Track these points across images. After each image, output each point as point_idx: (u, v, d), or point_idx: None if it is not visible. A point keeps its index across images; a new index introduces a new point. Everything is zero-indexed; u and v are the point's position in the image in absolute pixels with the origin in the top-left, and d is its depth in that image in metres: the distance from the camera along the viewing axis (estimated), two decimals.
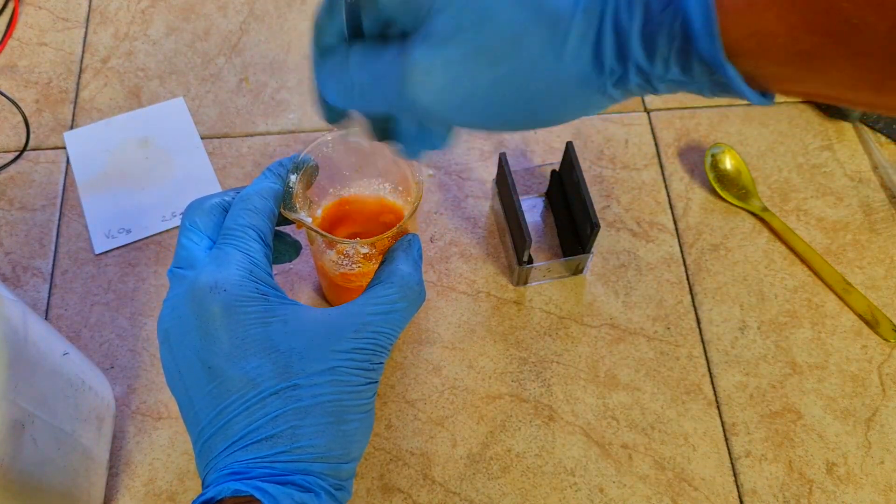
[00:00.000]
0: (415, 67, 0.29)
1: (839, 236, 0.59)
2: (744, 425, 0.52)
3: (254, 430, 0.34)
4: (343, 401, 0.35)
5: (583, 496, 0.50)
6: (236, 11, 0.68)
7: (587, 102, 0.28)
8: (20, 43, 0.65)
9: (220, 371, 0.34)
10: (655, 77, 0.27)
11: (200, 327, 0.35)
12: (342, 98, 0.33)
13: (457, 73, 0.28)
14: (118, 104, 0.63)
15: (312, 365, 0.34)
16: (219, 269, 0.36)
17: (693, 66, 0.26)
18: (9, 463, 0.36)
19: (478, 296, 0.56)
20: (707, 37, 0.24)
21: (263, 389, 0.34)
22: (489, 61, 0.28)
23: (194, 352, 0.35)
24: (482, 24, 0.27)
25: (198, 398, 0.35)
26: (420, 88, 0.29)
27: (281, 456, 0.33)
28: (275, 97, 0.64)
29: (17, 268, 0.56)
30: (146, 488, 0.49)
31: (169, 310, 0.36)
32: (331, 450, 0.34)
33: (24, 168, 0.60)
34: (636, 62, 0.26)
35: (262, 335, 0.35)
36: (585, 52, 0.27)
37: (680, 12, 0.25)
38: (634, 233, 0.59)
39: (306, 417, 0.34)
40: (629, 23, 0.26)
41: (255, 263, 0.36)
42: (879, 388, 0.54)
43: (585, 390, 0.53)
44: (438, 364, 0.54)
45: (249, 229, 0.37)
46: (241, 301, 0.35)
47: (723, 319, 0.56)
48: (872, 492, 0.50)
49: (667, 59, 0.26)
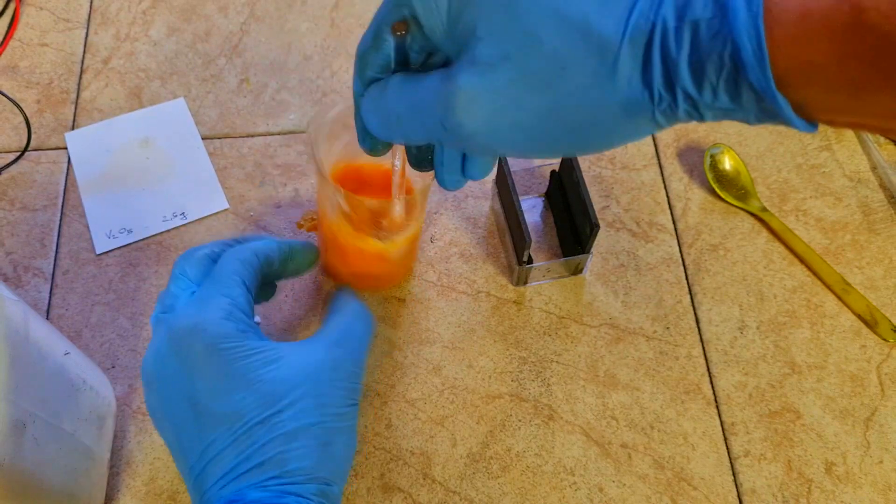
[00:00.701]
0: (460, 94, 0.28)
1: (838, 236, 0.59)
2: (743, 425, 0.52)
3: (243, 460, 0.34)
4: (327, 423, 0.36)
5: (582, 495, 0.50)
6: (237, 12, 0.68)
7: (634, 129, 0.28)
8: (21, 43, 0.65)
9: (205, 407, 0.35)
10: (703, 105, 0.26)
11: (183, 367, 0.36)
12: (382, 128, 0.33)
13: (502, 100, 0.28)
14: (119, 105, 0.63)
15: (295, 392, 0.35)
16: (198, 311, 0.37)
17: (742, 95, 0.25)
18: (10, 462, 0.36)
19: (478, 296, 0.56)
20: (757, 66, 0.24)
21: (249, 420, 0.35)
22: (535, 88, 0.27)
23: (178, 392, 0.36)
24: (528, 50, 0.27)
25: (185, 436, 0.36)
26: (465, 116, 0.28)
27: (272, 480, 0.34)
28: (275, 98, 0.64)
29: (18, 268, 0.56)
30: (147, 487, 0.49)
31: (152, 354, 0.37)
32: (319, 471, 0.35)
33: (25, 168, 0.60)
34: (684, 89, 0.26)
35: (244, 368, 0.35)
36: (634, 79, 0.26)
37: (729, 40, 0.24)
38: (634, 233, 0.59)
39: (293, 441, 0.35)
40: (677, 50, 0.25)
41: (235, 305, 0.37)
42: (878, 387, 0.54)
43: (585, 390, 0.53)
44: (438, 364, 0.54)
45: (235, 276, 0.38)
46: (220, 339, 0.36)
47: (722, 319, 0.56)
48: (871, 491, 0.50)
49: (715, 87, 0.25)
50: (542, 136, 0.29)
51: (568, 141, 0.29)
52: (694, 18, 0.25)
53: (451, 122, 0.29)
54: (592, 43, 0.26)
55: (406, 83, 0.31)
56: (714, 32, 0.25)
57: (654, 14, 0.25)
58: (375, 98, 0.32)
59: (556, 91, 0.27)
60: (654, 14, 0.25)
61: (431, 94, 0.30)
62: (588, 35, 0.26)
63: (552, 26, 0.26)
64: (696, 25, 0.25)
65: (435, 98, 0.29)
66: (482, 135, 0.29)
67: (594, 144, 0.29)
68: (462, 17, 0.28)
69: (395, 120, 0.32)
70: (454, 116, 0.29)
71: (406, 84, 0.31)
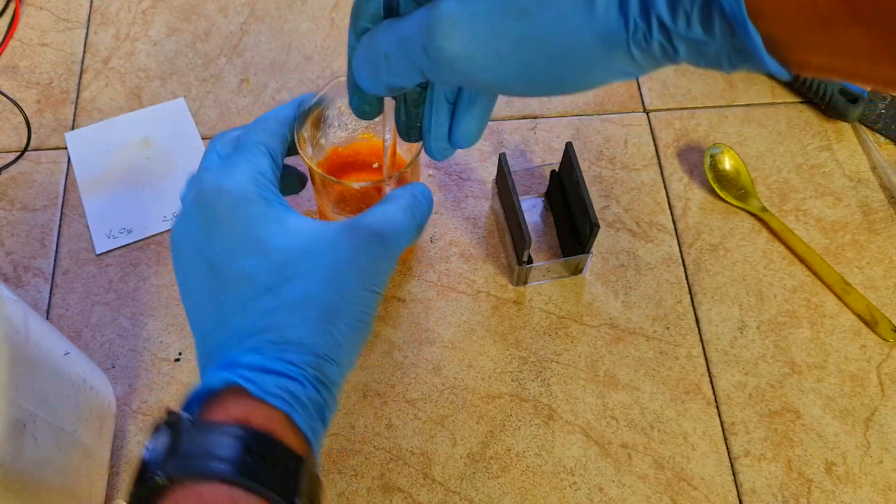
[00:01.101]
0: (441, 18, 0.29)
1: (838, 236, 0.59)
2: (743, 425, 0.52)
3: (247, 324, 0.34)
4: (335, 302, 0.35)
5: (582, 495, 0.50)
6: (237, 12, 0.68)
7: (610, 63, 0.29)
8: (21, 43, 0.65)
9: (220, 269, 0.35)
10: (676, 35, 0.27)
11: (202, 226, 0.36)
12: (371, 74, 0.33)
13: (482, 25, 0.29)
14: (119, 105, 0.63)
15: (308, 264, 0.35)
16: (224, 174, 0.37)
17: (715, 24, 0.26)
18: (10, 462, 0.36)
19: (478, 295, 0.56)
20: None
21: (258, 284, 0.35)
22: (513, 15, 0.28)
23: (196, 251, 0.36)
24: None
25: (199, 296, 0.36)
26: (446, 40, 0.29)
27: (267, 346, 0.34)
28: (275, 98, 0.64)
29: (18, 268, 0.56)
30: None
31: (179, 220, 0.38)
32: (316, 346, 0.34)
33: (25, 168, 0.60)
34: (658, 17, 0.26)
35: (262, 234, 0.35)
36: (611, 6, 0.27)
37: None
38: (634, 233, 0.59)
39: (294, 310, 0.34)
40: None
41: (261, 172, 0.37)
42: (878, 387, 0.54)
43: (585, 390, 0.53)
44: (438, 364, 0.54)
45: (260, 145, 0.38)
46: (242, 202, 0.36)
47: (722, 319, 0.56)
48: (871, 491, 0.50)
49: (689, 14, 0.26)
50: (520, 65, 0.30)
51: (545, 72, 0.30)
52: None
53: (432, 47, 0.30)
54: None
55: (393, 22, 0.32)
56: None
57: None
58: (366, 45, 0.33)
59: (533, 18, 0.28)
60: None
61: (416, 24, 0.30)
62: None
63: None
64: None
65: (418, 26, 0.30)
66: (462, 60, 0.30)
67: (572, 78, 0.30)
68: None
69: (383, 58, 0.32)
70: (435, 40, 0.29)
71: (393, 23, 0.32)
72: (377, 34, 0.32)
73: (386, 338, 0.54)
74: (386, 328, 0.55)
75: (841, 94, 0.63)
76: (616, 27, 0.27)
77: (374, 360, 0.54)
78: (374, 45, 0.32)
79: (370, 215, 0.38)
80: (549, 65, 0.29)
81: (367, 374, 0.53)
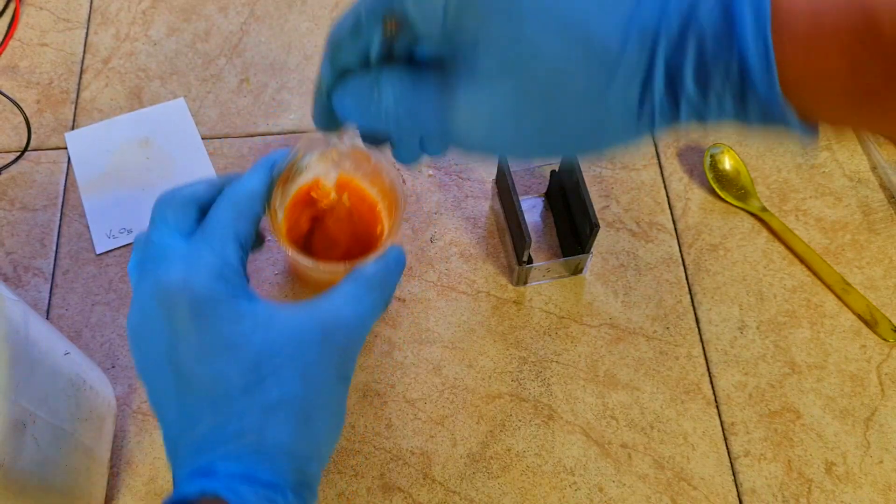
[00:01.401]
0: (461, 108, 0.28)
1: (838, 236, 0.59)
2: (743, 425, 0.52)
3: (220, 427, 0.33)
4: (311, 398, 0.34)
5: (582, 495, 0.50)
6: (237, 12, 0.68)
7: (635, 136, 0.28)
8: (21, 43, 0.65)
9: (188, 370, 0.34)
10: (707, 113, 0.25)
11: (167, 327, 0.34)
12: (367, 121, 0.32)
13: (502, 113, 0.27)
14: (119, 105, 0.63)
15: (281, 361, 0.34)
16: (188, 268, 0.34)
17: (748, 103, 0.25)
18: (10, 462, 0.36)
19: (478, 295, 0.56)
20: (765, 77, 0.23)
21: (231, 386, 0.33)
22: (535, 100, 0.27)
23: (161, 351, 0.34)
24: (529, 62, 0.26)
25: (165, 397, 0.35)
26: (465, 130, 0.28)
27: (247, 452, 0.33)
28: (275, 98, 0.64)
29: (18, 268, 0.56)
30: (147, 487, 0.49)
31: (136, 310, 0.35)
32: (297, 447, 0.34)
33: (25, 168, 0.60)
34: (689, 99, 0.25)
35: (231, 333, 0.34)
36: (634, 88, 0.26)
37: (736, 50, 0.23)
38: (634, 233, 0.59)
39: (271, 413, 0.33)
40: (681, 59, 0.24)
41: (228, 265, 0.35)
42: (878, 387, 0.54)
43: (585, 390, 0.53)
44: (438, 364, 0.54)
45: (229, 229, 0.36)
46: (209, 302, 0.34)
47: (722, 319, 0.56)
48: (871, 491, 0.50)
49: (721, 96, 0.25)
50: (541, 144, 0.29)
51: (567, 147, 0.29)
52: (699, 26, 0.24)
53: (450, 135, 0.29)
54: (593, 50, 0.25)
55: (402, 87, 0.30)
56: (720, 41, 0.24)
57: (657, 20, 0.25)
58: (363, 95, 0.31)
59: (556, 102, 0.27)
60: (656, 20, 0.25)
61: (430, 104, 0.29)
62: (588, 42, 0.25)
63: (553, 33, 0.26)
64: (702, 33, 0.24)
65: (434, 109, 0.29)
66: (481, 146, 0.29)
67: (593, 150, 0.29)
68: (460, 24, 0.27)
69: (393, 121, 0.31)
70: (454, 130, 0.28)
71: (402, 88, 0.30)
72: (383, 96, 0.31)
73: (386, 338, 0.54)
74: (386, 328, 0.55)
75: None
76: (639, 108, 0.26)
77: (374, 360, 0.54)
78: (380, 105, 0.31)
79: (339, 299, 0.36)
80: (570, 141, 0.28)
81: (367, 374, 0.53)
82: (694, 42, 0.24)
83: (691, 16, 0.24)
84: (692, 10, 0.24)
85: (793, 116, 0.24)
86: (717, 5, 0.24)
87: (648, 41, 0.25)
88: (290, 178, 0.43)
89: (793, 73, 0.23)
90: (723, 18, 0.24)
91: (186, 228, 0.37)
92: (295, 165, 0.42)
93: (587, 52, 0.25)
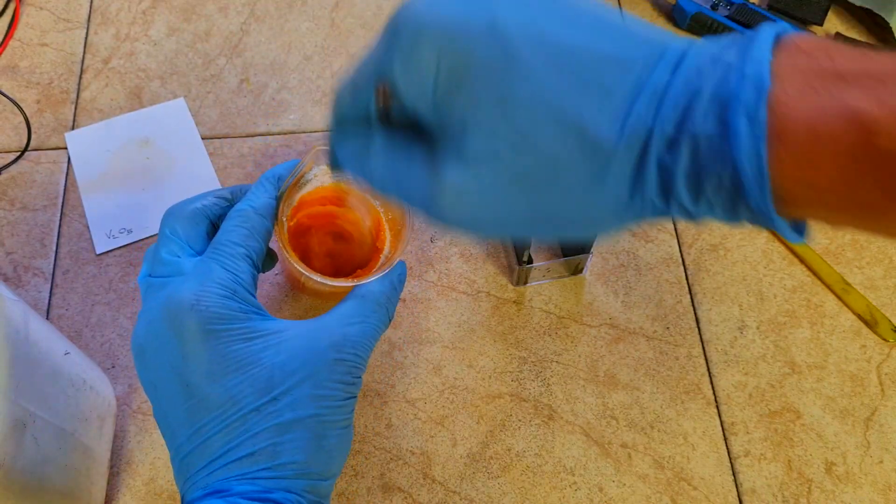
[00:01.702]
0: (446, 189, 0.27)
1: (838, 236, 0.59)
2: (743, 425, 0.52)
3: (234, 447, 0.33)
4: (323, 416, 0.34)
5: (582, 495, 0.50)
6: (237, 12, 0.68)
7: (622, 226, 0.27)
8: (21, 43, 0.65)
9: (199, 389, 0.34)
10: (697, 214, 0.25)
11: (179, 345, 0.34)
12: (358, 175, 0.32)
13: (489, 197, 0.27)
14: (119, 105, 0.63)
15: (293, 379, 0.34)
16: (200, 286, 0.35)
17: (739, 212, 0.24)
18: (10, 462, 0.36)
19: (478, 296, 0.56)
20: (758, 190, 0.23)
21: (243, 406, 0.33)
22: (524, 188, 0.26)
23: (171, 369, 0.34)
24: (520, 150, 0.26)
25: (174, 415, 0.35)
26: (450, 211, 0.28)
27: (262, 473, 0.33)
28: (275, 98, 0.64)
29: (18, 268, 0.56)
30: (147, 487, 0.49)
31: (144, 324, 0.36)
32: (311, 466, 0.34)
33: (25, 168, 0.60)
34: (679, 201, 0.25)
35: (242, 352, 0.34)
36: (626, 184, 0.25)
37: (730, 162, 0.23)
38: (634, 233, 0.59)
39: (287, 433, 0.33)
40: (674, 163, 0.24)
41: (239, 283, 0.36)
42: (878, 387, 0.54)
43: (585, 390, 0.53)
44: (438, 364, 0.54)
45: (240, 247, 0.37)
46: (221, 319, 0.34)
47: (722, 319, 0.56)
48: (871, 491, 0.50)
49: (712, 203, 0.24)
50: (527, 229, 0.29)
51: (552, 232, 0.29)
52: (693, 130, 0.23)
53: (435, 213, 0.28)
54: (587, 145, 0.25)
55: (390, 156, 0.30)
56: (714, 150, 0.23)
57: (652, 119, 0.24)
58: (356, 155, 0.31)
59: (545, 192, 0.26)
60: (651, 119, 0.24)
61: (416, 181, 0.29)
62: (582, 137, 0.25)
63: (546, 126, 0.25)
64: (696, 139, 0.23)
65: (420, 187, 0.28)
66: (465, 226, 0.28)
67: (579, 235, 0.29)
68: (450, 104, 0.27)
69: (379, 185, 0.31)
70: (439, 209, 0.28)
71: (390, 157, 0.30)
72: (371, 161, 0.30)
73: (386, 338, 0.54)
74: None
75: None
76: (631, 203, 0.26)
77: (374, 360, 0.54)
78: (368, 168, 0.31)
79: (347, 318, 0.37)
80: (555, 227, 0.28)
81: (367, 374, 0.53)
82: (688, 147, 0.24)
83: (686, 119, 0.24)
84: (687, 114, 0.24)
85: (783, 223, 0.24)
86: (713, 111, 0.23)
87: (642, 140, 0.24)
88: (296, 191, 0.43)
89: (787, 185, 0.23)
90: (718, 126, 0.23)
91: (196, 242, 0.38)
92: (303, 178, 0.42)
93: (581, 146, 0.25)
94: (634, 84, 0.25)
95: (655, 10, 0.69)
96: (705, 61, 0.24)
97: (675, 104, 0.24)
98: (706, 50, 0.25)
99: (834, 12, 0.69)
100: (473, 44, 0.26)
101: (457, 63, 0.26)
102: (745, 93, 0.23)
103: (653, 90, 0.24)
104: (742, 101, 0.23)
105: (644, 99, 0.24)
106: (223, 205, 0.40)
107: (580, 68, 0.25)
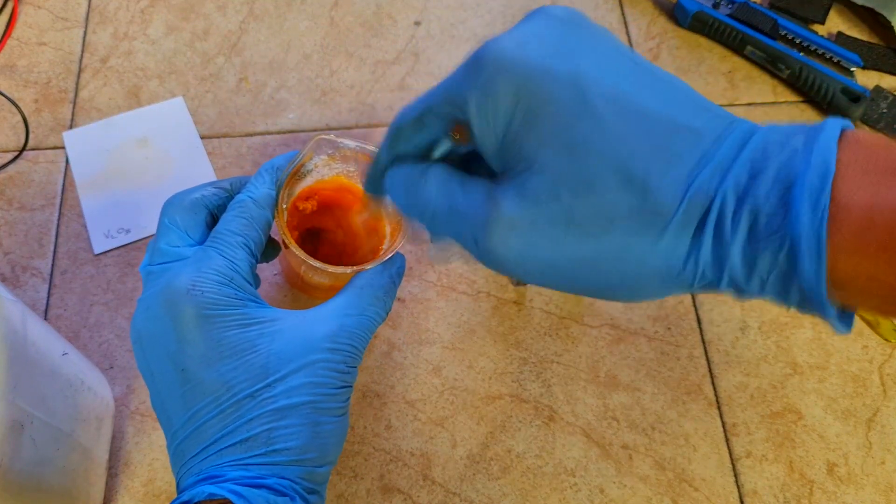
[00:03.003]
0: (500, 220, 0.27)
1: None
2: (744, 426, 0.52)
3: (228, 433, 0.33)
4: (319, 403, 0.34)
5: (583, 497, 0.50)
6: (236, 11, 0.68)
7: (667, 291, 0.27)
8: (19, 42, 0.65)
9: (194, 374, 0.34)
10: (748, 290, 0.25)
11: (175, 330, 0.34)
12: (409, 209, 0.32)
13: (541, 238, 0.27)
14: (117, 104, 0.63)
15: (288, 366, 0.34)
16: (198, 273, 0.35)
17: (790, 291, 0.24)
18: (8, 463, 0.36)
19: (478, 296, 0.56)
20: (814, 275, 0.23)
21: (238, 392, 0.34)
22: (577, 235, 0.27)
23: (167, 355, 0.34)
24: (580, 195, 0.26)
25: (170, 401, 0.35)
26: (500, 243, 0.28)
27: (256, 459, 0.33)
28: (274, 97, 0.64)
29: (16, 268, 0.56)
30: (145, 489, 0.49)
31: (143, 310, 0.36)
32: (306, 453, 0.34)
33: (23, 168, 0.60)
34: (732, 275, 0.25)
35: (238, 338, 0.34)
36: (680, 249, 0.25)
37: (788, 242, 0.23)
38: None
39: (282, 420, 0.34)
40: (732, 235, 0.24)
41: (237, 271, 0.36)
42: (880, 388, 0.53)
43: (586, 390, 0.53)
44: (438, 364, 0.54)
45: (238, 236, 0.37)
46: (217, 306, 0.34)
47: (723, 320, 0.56)
48: (873, 492, 0.50)
49: (764, 281, 0.24)
50: (572, 279, 0.28)
51: (596, 288, 0.28)
52: (755, 205, 0.24)
53: (484, 244, 0.28)
54: (647, 203, 0.25)
55: (448, 184, 0.30)
56: (773, 228, 0.24)
57: (715, 188, 0.24)
58: (411, 183, 0.32)
59: (597, 242, 0.26)
60: (714, 188, 0.25)
61: (472, 208, 0.29)
62: (644, 193, 0.25)
63: (611, 177, 0.25)
64: (756, 214, 0.24)
65: (474, 214, 0.29)
66: (512, 264, 0.28)
67: (622, 297, 0.29)
68: (519, 143, 0.27)
69: (429, 214, 0.31)
70: (489, 240, 0.28)
71: (448, 184, 0.30)
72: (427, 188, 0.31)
73: (385, 338, 0.54)
74: (386, 329, 0.55)
75: (843, 93, 0.63)
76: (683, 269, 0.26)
77: (374, 361, 0.54)
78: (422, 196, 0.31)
79: (344, 308, 0.37)
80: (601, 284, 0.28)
81: (366, 374, 0.53)
82: (747, 221, 0.24)
83: (748, 195, 0.24)
84: (750, 190, 0.24)
85: (832, 310, 0.24)
86: (776, 191, 0.24)
87: (702, 207, 0.25)
88: (296, 180, 0.43)
89: (841, 273, 0.23)
90: (779, 205, 0.23)
91: (195, 232, 0.38)
92: (302, 168, 0.42)
93: (641, 202, 0.25)
94: (703, 154, 0.25)
95: (657, 8, 0.69)
96: (773, 143, 0.25)
97: (738, 179, 0.24)
98: (773, 132, 0.25)
99: (835, 11, 0.68)
100: (554, 89, 0.26)
101: (535, 104, 0.27)
102: (810, 177, 0.23)
103: (720, 162, 0.25)
104: (806, 184, 0.23)
105: (710, 169, 0.25)
106: (222, 195, 0.40)
107: (652, 130, 0.26)
